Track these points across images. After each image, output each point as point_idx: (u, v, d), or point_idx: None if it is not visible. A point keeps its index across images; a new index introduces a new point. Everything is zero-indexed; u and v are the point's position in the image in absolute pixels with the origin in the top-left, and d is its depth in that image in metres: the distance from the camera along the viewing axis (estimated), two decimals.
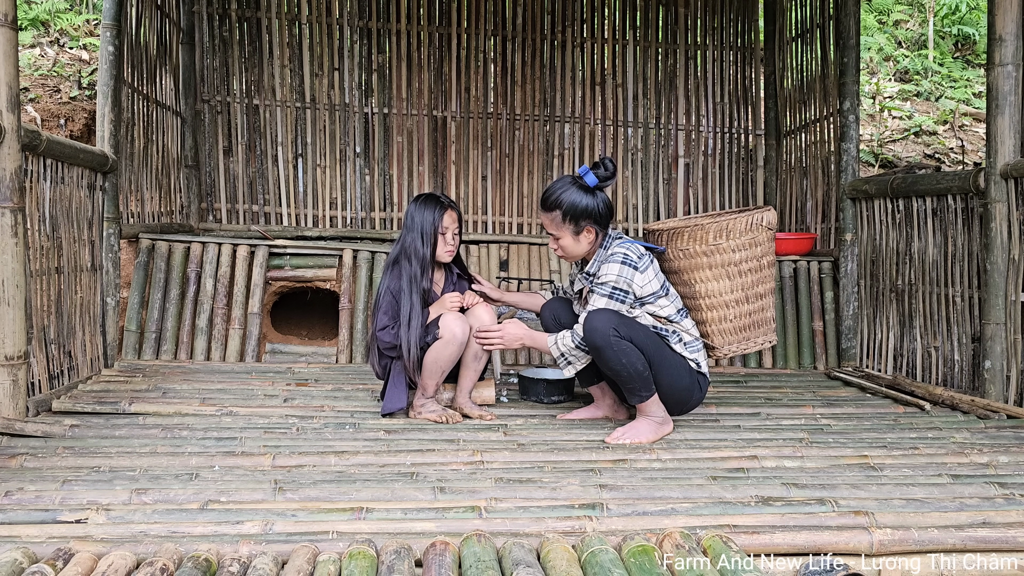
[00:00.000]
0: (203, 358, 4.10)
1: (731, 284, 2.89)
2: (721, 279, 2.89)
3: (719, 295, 2.90)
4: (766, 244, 2.93)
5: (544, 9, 5.38)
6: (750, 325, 2.96)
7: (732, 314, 2.92)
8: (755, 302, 2.95)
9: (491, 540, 1.82)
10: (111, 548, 1.77)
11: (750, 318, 2.95)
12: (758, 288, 2.94)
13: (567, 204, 2.79)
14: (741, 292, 2.91)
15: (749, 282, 2.91)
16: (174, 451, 2.56)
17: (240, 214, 5.20)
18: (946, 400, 3.41)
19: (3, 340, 2.75)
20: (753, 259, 2.90)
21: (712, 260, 2.88)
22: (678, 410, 2.93)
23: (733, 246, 2.86)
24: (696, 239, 2.88)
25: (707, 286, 2.90)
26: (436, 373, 3.00)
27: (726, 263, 2.88)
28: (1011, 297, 3.28)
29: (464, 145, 5.36)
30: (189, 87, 5.03)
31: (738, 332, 2.94)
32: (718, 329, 2.93)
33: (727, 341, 2.94)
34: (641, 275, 2.78)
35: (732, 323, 2.93)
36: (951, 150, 6.92)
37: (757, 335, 2.98)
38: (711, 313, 2.92)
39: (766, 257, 2.94)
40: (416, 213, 3.02)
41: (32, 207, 3.02)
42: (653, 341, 2.79)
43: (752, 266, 2.91)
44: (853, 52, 4.33)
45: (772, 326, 3.03)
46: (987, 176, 3.34)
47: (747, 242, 2.88)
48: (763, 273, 2.94)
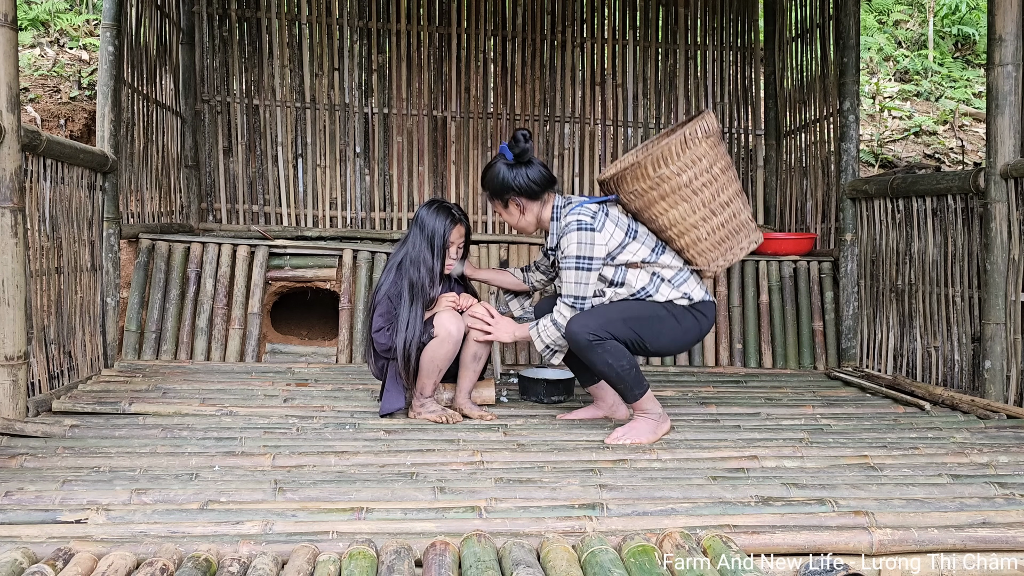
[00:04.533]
0: (203, 358, 4.10)
1: (690, 206, 2.78)
2: (678, 205, 2.78)
3: (683, 220, 2.80)
4: (711, 152, 2.76)
5: (544, 9, 5.38)
6: (727, 236, 2.84)
7: (704, 233, 2.81)
8: (723, 212, 2.81)
9: (491, 540, 1.82)
10: (111, 548, 1.77)
11: (724, 229, 2.83)
12: (720, 198, 2.80)
13: (489, 183, 2.91)
14: (704, 209, 2.79)
15: (708, 196, 2.78)
16: (174, 451, 2.56)
17: (240, 214, 5.20)
18: (946, 400, 3.41)
19: (3, 340, 2.75)
20: (702, 173, 2.76)
21: (662, 191, 2.77)
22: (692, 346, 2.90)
23: (676, 170, 2.74)
24: (639, 177, 2.79)
25: (668, 216, 2.81)
26: (433, 372, 3.00)
27: (676, 189, 2.76)
28: (1011, 297, 3.28)
29: (464, 145, 5.36)
30: (189, 87, 5.03)
31: (717, 247, 2.85)
32: (697, 252, 2.85)
33: (711, 260, 2.86)
34: (600, 233, 2.77)
35: (708, 241, 2.83)
36: (951, 150, 6.92)
37: (739, 241, 2.87)
38: (684, 239, 2.84)
39: (716, 165, 2.77)
40: (428, 220, 2.99)
41: (32, 207, 3.02)
42: (635, 316, 2.77)
43: (705, 180, 2.77)
44: (853, 52, 4.33)
45: (752, 226, 2.90)
46: (987, 176, 3.34)
47: (689, 160, 2.74)
48: (720, 182, 2.79)
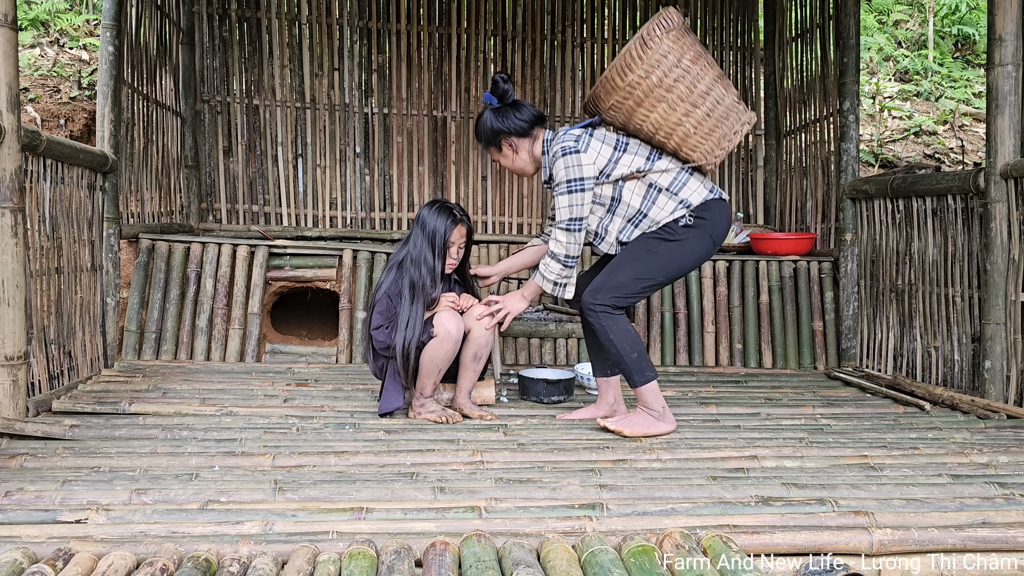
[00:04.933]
0: (203, 358, 4.10)
1: (668, 104, 2.73)
2: (656, 106, 2.74)
3: (666, 120, 2.75)
4: (676, 46, 2.70)
5: (544, 9, 5.38)
6: (716, 124, 2.76)
7: (690, 127, 2.75)
8: (704, 102, 2.73)
9: (491, 540, 1.82)
10: (111, 548, 1.77)
11: (711, 118, 2.75)
12: (698, 88, 2.72)
13: (481, 132, 2.99)
14: (683, 104, 2.72)
15: (684, 90, 2.72)
16: (174, 451, 2.56)
17: (240, 214, 5.20)
18: (946, 400, 3.41)
19: (3, 340, 2.75)
20: (672, 69, 2.69)
21: (636, 97, 2.74)
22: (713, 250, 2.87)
23: (643, 72, 2.70)
24: (610, 90, 2.77)
25: (651, 120, 2.77)
26: (433, 372, 3.00)
27: (649, 91, 2.72)
28: (1011, 297, 3.28)
29: (464, 145, 5.36)
30: (189, 87, 5.03)
31: (709, 137, 2.77)
32: (690, 147, 2.79)
33: (706, 152, 2.79)
34: (586, 153, 2.79)
35: (697, 134, 2.76)
36: (951, 150, 6.92)
37: (731, 126, 2.78)
38: (674, 139, 2.79)
39: (685, 57, 2.70)
40: (429, 219, 3.00)
41: (32, 207, 3.02)
42: (636, 264, 2.79)
43: (676, 75, 2.70)
44: (853, 52, 4.33)
45: (740, 107, 2.79)
46: (987, 176, 3.34)
47: (654, 60, 2.69)
48: (692, 73, 2.71)
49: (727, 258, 4.52)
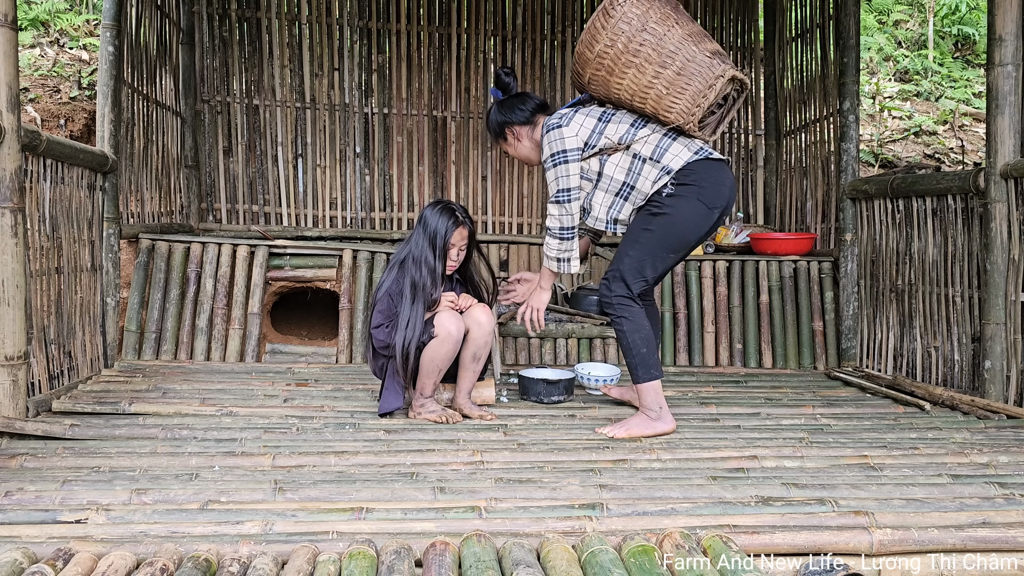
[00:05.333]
0: (203, 358, 4.10)
1: (636, 69, 2.75)
2: (626, 72, 2.76)
3: (638, 84, 2.77)
4: (640, 11, 2.72)
5: (544, 9, 5.38)
6: (688, 82, 2.73)
7: (662, 88, 2.74)
8: (673, 61, 2.72)
9: (491, 540, 1.82)
10: (111, 548, 1.77)
11: (682, 76, 2.73)
12: (665, 49, 2.72)
13: (490, 125, 3.09)
14: (651, 66, 2.73)
15: (649, 52, 2.73)
16: (174, 451, 2.56)
17: (240, 214, 5.20)
18: (946, 400, 3.41)
19: (3, 340, 2.75)
20: (636, 33, 2.72)
21: (607, 67, 2.79)
22: (709, 214, 2.82)
23: (608, 41, 2.75)
24: (584, 63, 2.84)
25: (624, 87, 2.80)
26: (433, 372, 3.00)
27: (617, 59, 2.75)
28: (1011, 297, 3.28)
29: (464, 145, 5.36)
30: (189, 87, 5.03)
31: (682, 95, 2.74)
32: (664, 108, 2.78)
33: (683, 110, 2.76)
34: (568, 127, 2.86)
35: (670, 94, 2.75)
36: (951, 150, 6.92)
37: (704, 81, 2.73)
38: (649, 102, 2.79)
39: (650, 20, 2.71)
40: (431, 220, 3.00)
41: (32, 207, 3.02)
42: (641, 244, 2.82)
43: (640, 39, 2.73)
44: (853, 52, 4.33)
45: (714, 61, 2.74)
46: (987, 176, 3.34)
47: (616, 29, 2.73)
48: (657, 34, 2.73)
49: (727, 258, 4.52)
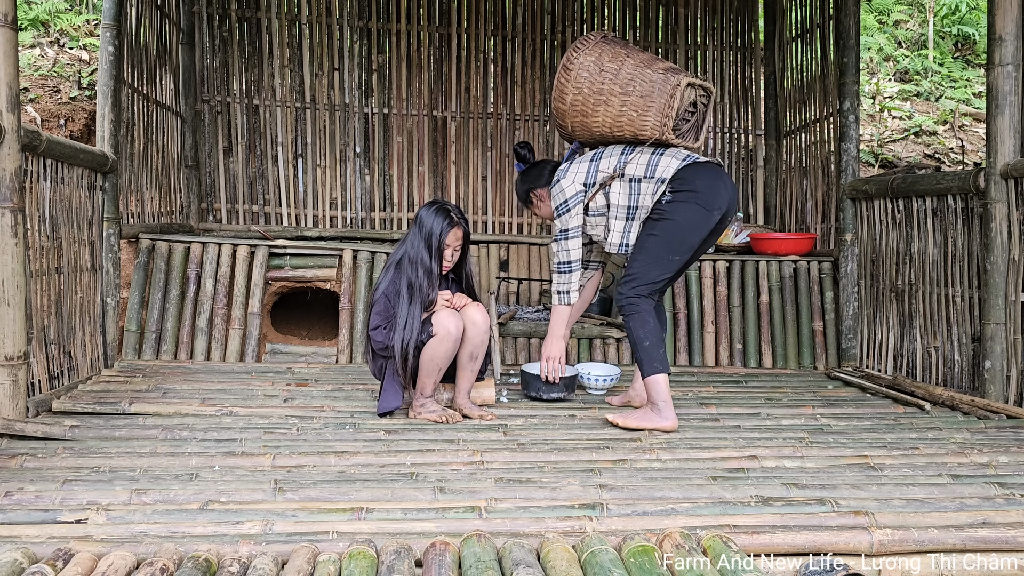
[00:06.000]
0: (203, 358, 4.10)
1: (606, 104, 3.03)
2: (598, 110, 3.05)
3: (612, 116, 3.04)
4: (594, 57, 3.01)
5: (544, 9, 5.38)
6: (651, 100, 2.97)
7: (632, 111, 3.00)
8: (633, 87, 2.98)
9: (491, 540, 1.82)
10: (111, 548, 1.77)
11: (644, 98, 2.97)
12: (620, 78, 2.99)
13: (518, 193, 3.46)
14: (616, 97, 3.01)
15: (611, 86, 3.00)
16: (174, 451, 2.56)
17: (240, 214, 5.20)
18: (946, 400, 3.41)
19: (3, 340, 2.75)
20: (596, 75, 3.02)
21: (583, 111, 3.08)
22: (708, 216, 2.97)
23: (575, 90, 3.06)
24: (563, 116, 3.14)
25: (602, 123, 3.08)
26: (433, 371, 3.00)
27: (587, 101, 3.05)
28: (1011, 297, 3.28)
29: (464, 145, 5.36)
30: (189, 87, 5.03)
31: (648, 112, 2.98)
32: (639, 128, 3.02)
33: (656, 125, 2.99)
34: (565, 179, 3.13)
35: (640, 116, 2.99)
36: (951, 150, 6.92)
37: (665, 94, 2.95)
38: (626, 129, 3.05)
39: (604, 60, 3.00)
40: (426, 220, 3.01)
41: (32, 207, 3.02)
42: (645, 253, 3.01)
43: (601, 79, 3.02)
44: (853, 52, 4.33)
45: (668, 75, 2.97)
46: (987, 176, 3.34)
47: (578, 78, 3.04)
48: (612, 69, 3.00)
49: (727, 258, 4.52)
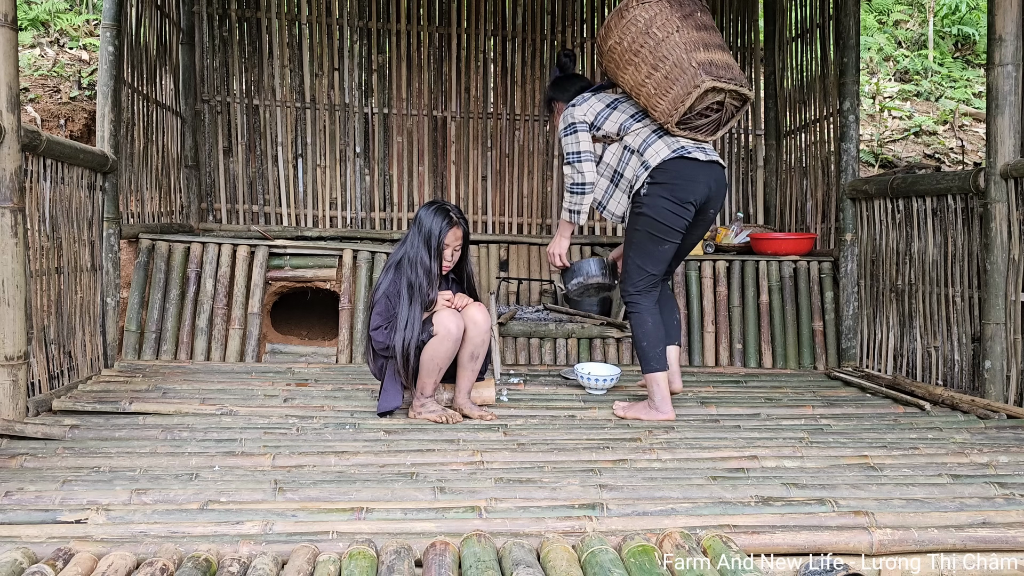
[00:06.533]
0: (203, 358, 4.10)
1: (635, 68, 3.11)
2: (627, 69, 3.15)
3: (635, 81, 3.13)
4: (647, 16, 3.08)
5: (544, 9, 5.38)
6: (671, 86, 3.05)
7: (652, 88, 3.10)
8: (663, 65, 3.05)
9: (491, 540, 1.82)
10: (111, 548, 1.77)
11: (668, 80, 3.05)
12: (658, 52, 3.06)
13: (544, 98, 3.61)
14: (646, 66, 3.09)
15: (647, 54, 3.08)
16: (174, 451, 2.56)
17: (240, 214, 5.20)
18: (946, 400, 3.41)
19: (3, 340, 2.75)
20: (640, 35, 3.08)
21: (615, 61, 3.18)
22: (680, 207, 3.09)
23: (617, 38, 3.14)
24: (600, 53, 3.27)
25: (627, 81, 3.17)
26: (434, 371, 3.00)
27: (622, 55, 3.14)
28: (1011, 297, 3.28)
29: (464, 145, 5.36)
30: (189, 87, 5.03)
31: (664, 97, 3.07)
32: (651, 106, 3.12)
33: (664, 111, 3.09)
34: (579, 107, 3.22)
35: (656, 95, 3.09)
36: (951, 150, 6.92)
37: (684, 88, 3.03)
38: (642, 99, 3.15)
39: (653, 25, 3.06)
40: (426, 220, 3.01)
41: (32, 207, 3.02)
42: (632, 248, 3.18)
43: (641, 41, 3.08)
44: (853, 52, 4.33)
45: (698, 71, 3.04)
46: (987, 176, 3.34)
47: (624, 28, 3.11)
48: (656, 38, 3.07)
49: (727, 258, 4.52)
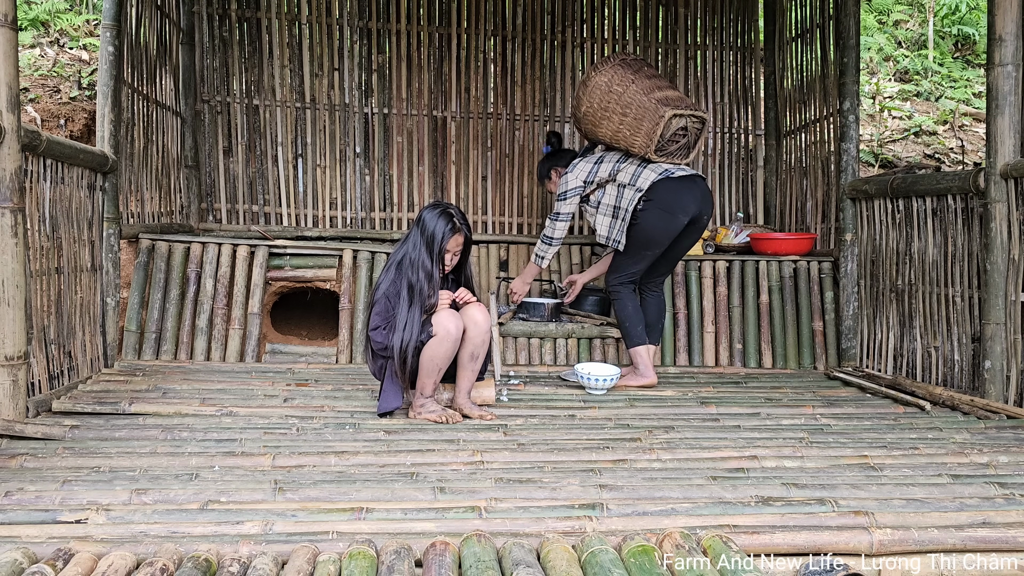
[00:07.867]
0: (203, 358, 4.10)
1: (608, 120, 3.72)
2: (602, 124, 3.75)
3: (611, 131, 3.73)
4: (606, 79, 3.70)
5: (544, 9, 5.38)
6: (639, 124, 3.62)
7: (626, 131, 3.67)
8: (629, 110, 3.64)
9: (491, 540, 1.82)
10: (111, 548, 1.77)
11: (636, 120, 3.62)
12: (623, 100, 3.66)
13: (539, 171, 4.23)
14: (616, 116, 3.68)
15: (614, 106, 3.68)
16: (174, 451, 2.56)
17: (240, 214, 5.20)
18: (946, 400, 3.41)
19: (3, 340, 2.75)
20: (604, 95, 3.71)
21: (593, 121, 3.78)
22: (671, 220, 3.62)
23: (587, 103, 3.78)
24: (578, 122, 3.91)
25: (605, 134, 3.76)
26: (433, 372, 3.00)
27: (595, 114, 3.75)
28: (1011, 297, 3.28)
29: (464, 145, 5.36)
30: (189, 87, 5.03)
31: (638, 133, 3.64)
32: (630, 144, 3.68)
33: (642, 144, 3.65)
34: (572, 173, 3.81)
35: (632, 134, 3.66)
36: (951, 150, 6.92)
37: (652, 121, 3.58)
38: (621, 142, 3.71)
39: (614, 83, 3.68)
40: (429, 222, 3.01)
41: (32, 207, 3.02)
42: (625, 251, 3.72)
43: (607, 99, 3.70)
44: (853, 52, 4.33)
45: (657, 107, 3.58)
46: (987, 176, 3.34)
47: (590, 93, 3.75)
48: (615, 92, 3.68)
49: (727, 258, 4.52)
